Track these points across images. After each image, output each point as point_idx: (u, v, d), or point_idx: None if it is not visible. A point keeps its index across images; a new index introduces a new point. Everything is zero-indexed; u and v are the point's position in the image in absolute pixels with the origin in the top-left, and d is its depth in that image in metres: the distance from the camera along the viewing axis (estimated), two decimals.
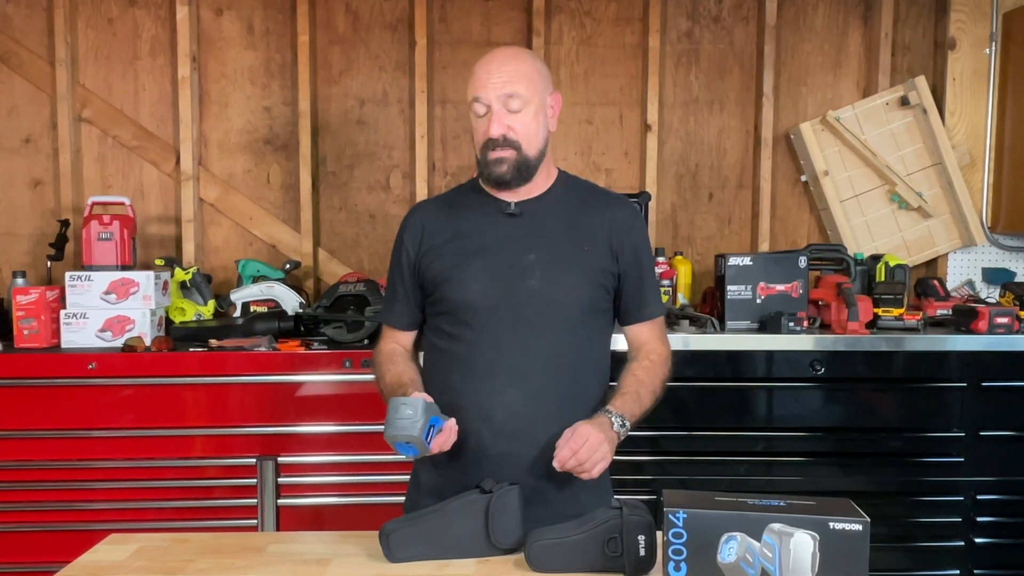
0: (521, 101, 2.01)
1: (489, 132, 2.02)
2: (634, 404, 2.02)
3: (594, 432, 1.88)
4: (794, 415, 3.31)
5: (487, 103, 2.02)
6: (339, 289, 3.47)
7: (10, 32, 3.82)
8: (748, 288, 3.40)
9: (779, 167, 4.05)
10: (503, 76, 2.01)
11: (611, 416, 1.96)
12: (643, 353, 2.14)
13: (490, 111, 2.02)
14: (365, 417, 3.19)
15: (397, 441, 1.83)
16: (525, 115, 2.03)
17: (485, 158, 2.04)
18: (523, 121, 2.03)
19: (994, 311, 3.33)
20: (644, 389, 2.06)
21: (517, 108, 2.01)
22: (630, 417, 1.99)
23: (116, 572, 1.77)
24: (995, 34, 3.92)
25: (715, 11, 4.03)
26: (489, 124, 2.02)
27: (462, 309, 2.04)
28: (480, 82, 2.02)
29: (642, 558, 1.72)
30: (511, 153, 2.02)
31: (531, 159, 2.06)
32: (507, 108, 2.01)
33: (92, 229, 3.43)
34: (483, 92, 2.02)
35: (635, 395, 2.03)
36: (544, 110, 2.07)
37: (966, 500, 3.32)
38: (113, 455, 3.19)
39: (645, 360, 2.13)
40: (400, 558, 1.82)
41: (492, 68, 2.03)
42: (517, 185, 2.07)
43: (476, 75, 2.04)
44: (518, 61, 2.05)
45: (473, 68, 2.07)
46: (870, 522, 1.52)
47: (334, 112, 3.98)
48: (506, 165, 2.03)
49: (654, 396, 2.08)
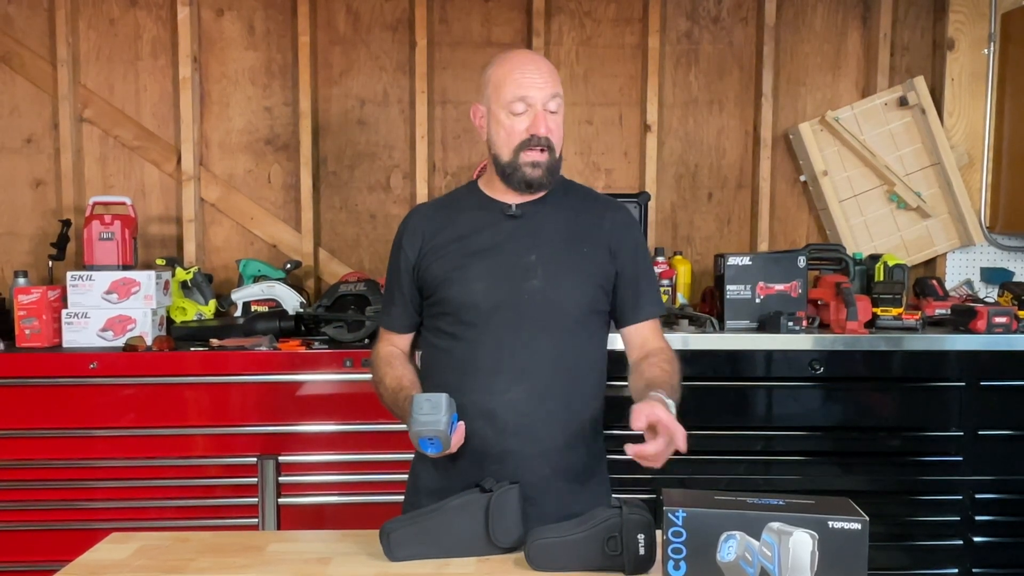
0: (559, 103, 2.05)
1: (536, 129, 2.02)
2: (674, 393, 1.92)
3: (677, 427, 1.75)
4: (793, 414, 3.32)
5: (532, 103, 2.02)
6: (340, 289, 3.49)
7: (12, 33, 3.83)
8: (747, 288, 3.41)
9: (778, 167, 4.06)
10: (547, 76, 2.03)
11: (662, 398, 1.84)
12: (653, 352, 2.10)
13: (532, 109, 2.02)
14: (366, 416, 3.20)
15: (423, 437, 1.83)
16: (559, 117, 2.06)
17: (517, 159, 2.04)
18: (557, 123, 2.06)
19: (992, 311, 3.33)
20: (676, 379, 1.99)
21: (555, 109, 2.04)
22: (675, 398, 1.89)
23: (117, 571, 1.78)
24: (993, 35, 3.93)
25: (714, 12, 4.04)
26: (535, 122, 2.02)
27: (464, 309, 2.05)
28: (528, 81, 2.02)
29: (641, 557, 1.72)
30: (546, 156, 2.04)
31: (559, 162, 2.09)
32: (547, 108, 2.03)
33: (93, 229, 3.44)
34: (531, 91, 2.01)
35: (671, 387, 1.94)
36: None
37: (965, 499, 3.32)
38: (114, 454, 3.20)
39: (662, 354, 2.07)
40: (400, 557, 1.83)
41: (533, 67, 2.03)
42: (543, 189, 2.09)
43: (516, 74, 2.03)
44: (546, 64, 2.07)
45: (504, 67, 2.05)
46: (869, 521, 1.52)
47: (335, 112, 3.99)
48: (542, 169, 2.05)
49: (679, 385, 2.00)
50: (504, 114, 2.04)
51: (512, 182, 2.07)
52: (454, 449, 1.91)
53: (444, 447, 1.86)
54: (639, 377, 2.04)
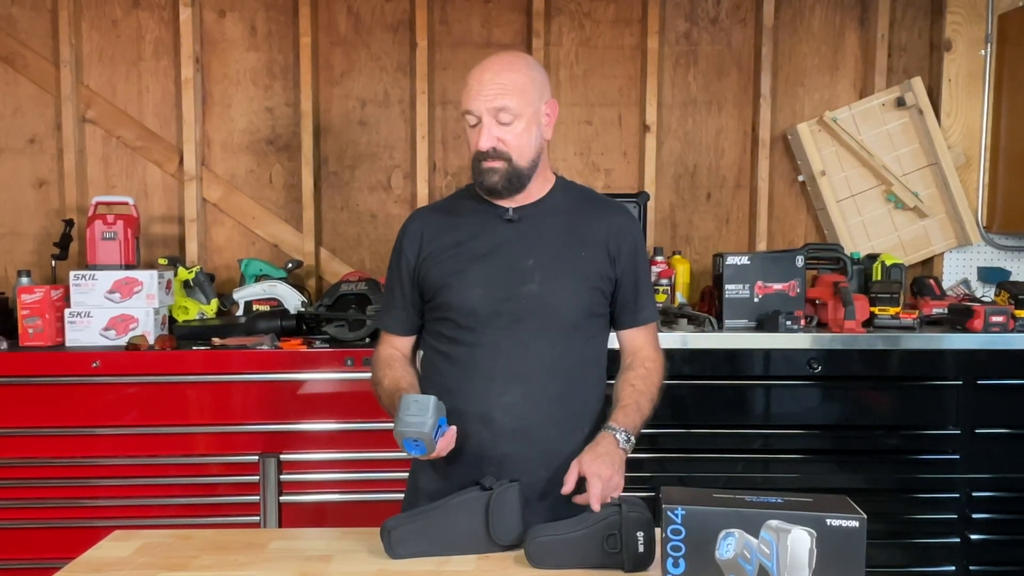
0: (511, 115, 2.00)
1: (479, 145, 2.02)
2: (635, 415, 2.03)
3: (604, 468, 1.89)
4: (791, 413, 3.33)
5: (478, 115, 2.02)
6: (341, 288, 3.49)
7: (15, 34, 3.85)
8: (746, 287, 3.42)
9: (776, 167, 4.07)
10: (494, 89, 1.99)
11: (615, 433, 1.97)
12: (638, 360, 2.15)
13: (480, 123, 2.02)
14: (366, 415, 3.21)
15: (406, 438, 1.83)
16: (516, 127, 2.02)
17: (478, 167, 2.05)
18: (514, 133, 2.02)
19: (989, 310, 3.35)
20: (643, 399, 2.07)
21: (507, 121, 2.01)
22: (633, 430, 2.01)
23: (120, 568, 1.78)
24: (990, 35, 3.94)
25: (713, 13, 4.05)
26: (479, 136, 2.02)
27: (463, 314, 2.06)
28: (471, 94, 2.02)
29: (641, 554, 1.73)
30: (502, 164, 2.03)
31: (523, 169, 2.06)
32: (497, 120, 2.01)
33: (96, 229, 3.45)
34: (473, 105, 2.01)
35: (635, 406, 2.05)
36: (537, 120, 2.06)
37: (962, 497, 3.33)
38: (117, 453, 3.21)
39: (641, 368, 2.13)
40: (401, 554, 1.83)
41: (485, 79, 2.01)
42: (509, 195, 2.08)
43: (468, 86, 2.04)
44: (511, 72, 2.03)
45: (466, 78, 2.06)
46: (867, 519, 1.53)
47: (336, 113, 4.00)
48: (497, 175, 2.03)
49: (652, 404, 2.10)
50: (466, 125, 2.07)
51: (481, 189, 2.09)
52: (442, 454, 1.92)
53: (428, 450, 1.85)
54: (615, 391, 2.12)
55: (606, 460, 1.89)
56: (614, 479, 1.88)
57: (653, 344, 2.20)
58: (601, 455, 1.91)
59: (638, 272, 2.16)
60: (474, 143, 2.04)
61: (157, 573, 1.75)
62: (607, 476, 1.86)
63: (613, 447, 1.94)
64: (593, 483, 1.84)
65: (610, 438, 1.96)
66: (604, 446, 1.94)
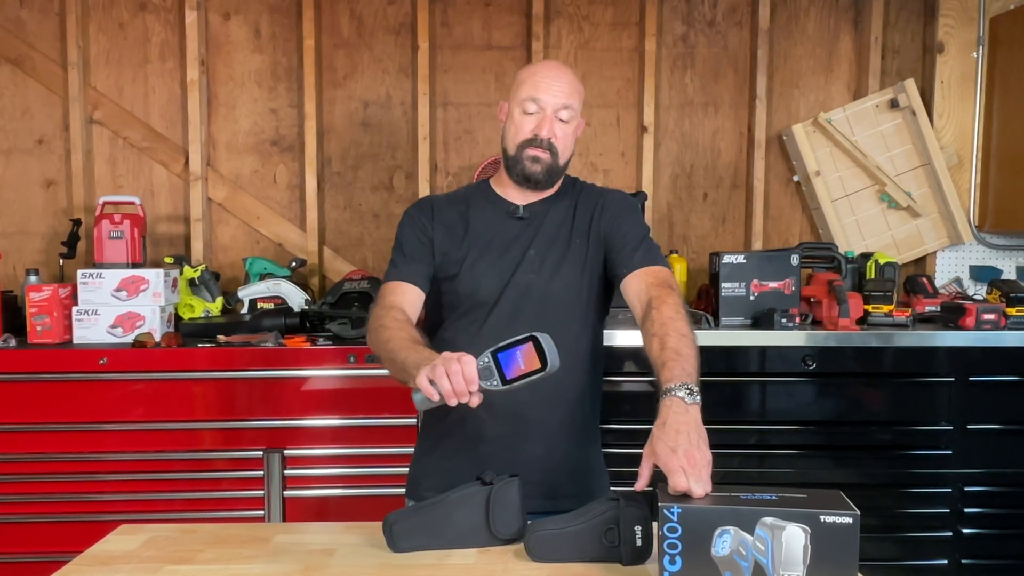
0: (570, 114, 2.15)
1: (539, 130, 2.13)
2: (679, 361, 1.82)
3: (681, 453, 1.62)
4: (786, 409, 3.34)
5: (543, 106, 2.13)
6: (343, 286, 3.53)
7: (24, 36, 3.88)
8: (742, 285, 3.44)
9: (772, 168, 4.10)
10: (565, 87, 2.14)
11: (675, 392, 1.74)
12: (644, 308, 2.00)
13: (542, 112, 2.13)
14: (369, 411, 3.25)
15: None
16: (569, 127, 2.16)
17: (520, 153, 2.15)
18: (566, 132, 2.16)
19: (981, 308, 3.36)
20: (670, 340, 1.87)
21: (566, 119, 2.15)
22: (689, 377, 1.78)
23: (126, 561, 1.77)
24: (982, 38, 3.96)
25: (710, 16, 4.08)
26: (541, 123, 2.13)
27: (466, 303, 2.13)
28: (544, 86, 2.13)
29: (638, 548, 1.73)
30: (548, 156, 2.14)
31: (561, 167, 2.18)
32: (558, 116, 2.14)
33: (103, 228, 3.47)
34: (544, 96, 2.12)
35: (673, 352, 1.84)
36: (577, 129, 2.21)
37: (954, 492, 3.34)
38: (123, 448, 3.23)
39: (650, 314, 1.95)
40: (403, 548, 1.83)
41: (554, 75, 2.14)
42: (541, 188, 2.18)
43: (537, 77, 2.14)
44: (573, 79, 2.17)
45: (529, 69, 2.18)
46: (860, 514, 1.53)
47: (339, 114, 4.04)
48: (541, 165, 2.14)
49: (685, 337, 1.89)
50: (518, 111, 2.15)
51: (513, 174, 2.18)
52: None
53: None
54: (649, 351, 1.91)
55: (682, 439, 1.63)
56: (694, 456, 1.61)
57: (656, 284, 2.03)
58: (671, 434, 1.65)
59: (625, 222, 2.17)
60: (528, 129, 2.14)
61: (163, 566, 1.73)
62: (689, 459, 1.60)
63: (682, 413, 1.69)
64: (678, 481, 1.58)
65: (674, 403, 1.71)
66: (672, 418, 1.68)
